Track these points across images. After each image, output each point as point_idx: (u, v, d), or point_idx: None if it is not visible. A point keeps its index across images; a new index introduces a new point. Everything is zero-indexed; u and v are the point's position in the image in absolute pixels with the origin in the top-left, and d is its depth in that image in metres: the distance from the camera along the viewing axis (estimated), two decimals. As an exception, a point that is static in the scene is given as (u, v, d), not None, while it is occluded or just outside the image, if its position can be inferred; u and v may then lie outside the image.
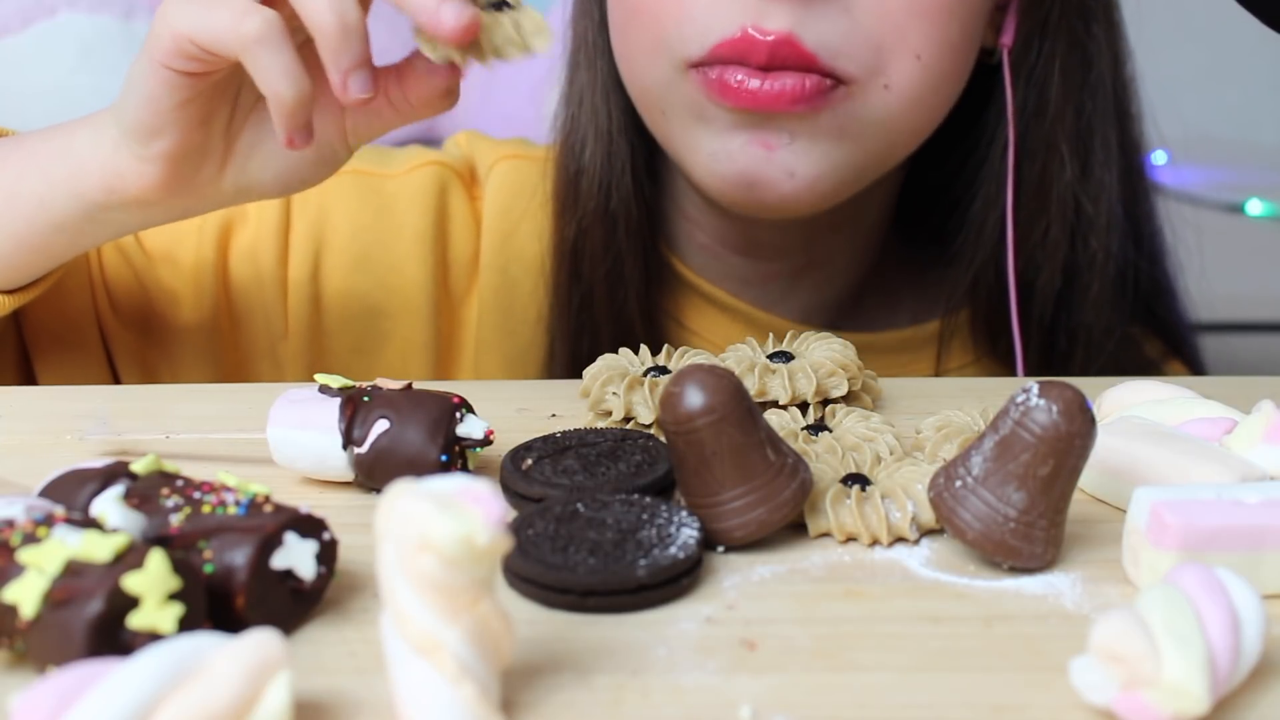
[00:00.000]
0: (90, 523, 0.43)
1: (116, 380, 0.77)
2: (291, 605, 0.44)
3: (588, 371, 0.62)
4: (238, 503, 0.44)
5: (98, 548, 0.40)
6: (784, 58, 0.65)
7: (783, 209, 0.71)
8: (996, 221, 0.77)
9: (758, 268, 0.81)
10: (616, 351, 0.64)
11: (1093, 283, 0.79)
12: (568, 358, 0.81)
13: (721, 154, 0.69)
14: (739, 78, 0.66)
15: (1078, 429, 0.46)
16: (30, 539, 0.41)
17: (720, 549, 0.49)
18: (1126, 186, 0.80)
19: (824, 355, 0.61)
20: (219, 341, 0.79)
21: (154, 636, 0.39)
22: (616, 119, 0.77)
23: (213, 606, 0.42)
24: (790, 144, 0.68)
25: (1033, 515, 0.47)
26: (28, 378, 0.74)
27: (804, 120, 0.68)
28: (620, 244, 0.78)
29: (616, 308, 0.79)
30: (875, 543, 0.50)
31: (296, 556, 0.44)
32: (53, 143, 0.64)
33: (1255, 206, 1.63)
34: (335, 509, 0.50)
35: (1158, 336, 0.85)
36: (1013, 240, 0.76)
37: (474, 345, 0.83)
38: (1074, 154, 0.77)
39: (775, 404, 0.60)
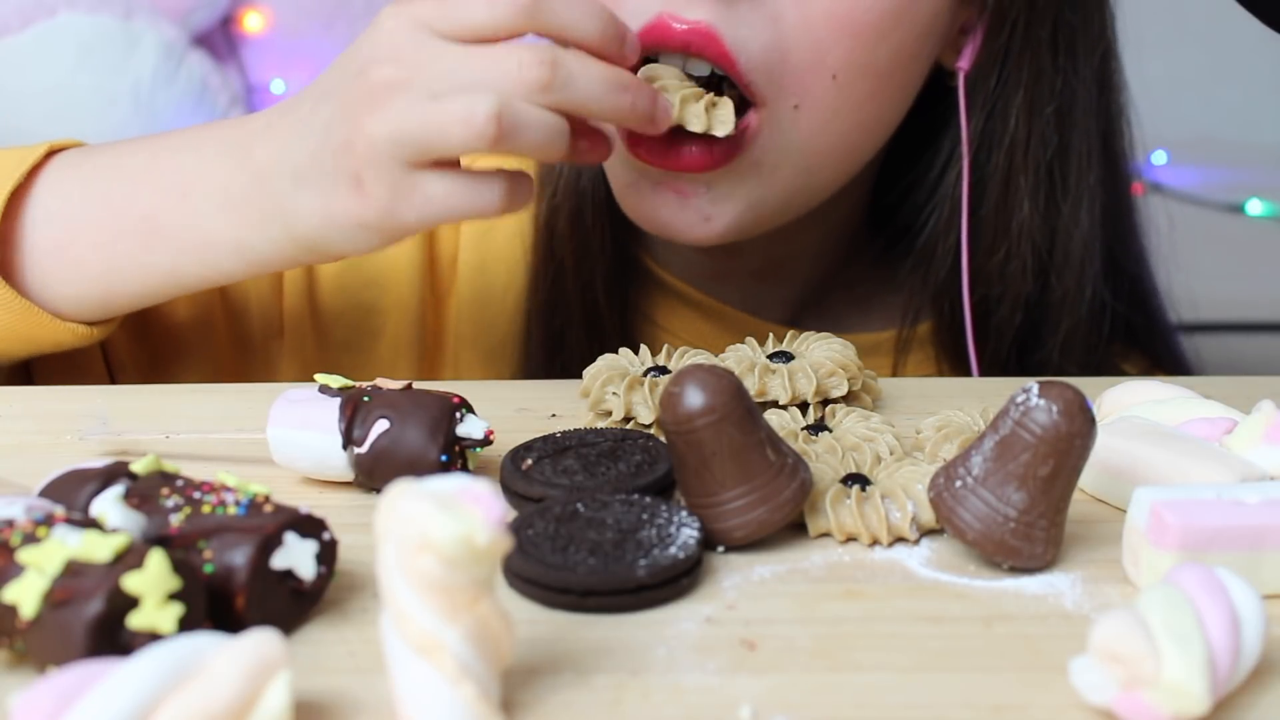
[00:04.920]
0: (90, 523, 0.43)
1: (111, 376, 0.77)
2: (291, 605, 0.44)
3: (588, 371, 0.62)
4: (238, 503, 0.44)
5: (98, 548, 0.40)
6: (701, 48, 0.64)
7: (700, 245, 0.72)
8: (950, 247, 0.77)
9: (718, 264, 0.81)
10: (586, 331, 0.63)
11: (1062, 320, 0.78)
12: (541, 335, 0.81)
13: (634, 190, 0.70)
14: (649, 145, 0.66)
15: (1078, 429, 0.46)
16: (30, 539, 0.41)
17: (720, 549, 0.49)
18: (1107, 225, 0.79)
19: (824, 355, 0.61)
20: (214, 338, 0.79)
21: (154, 636, 0.39)
22: None
23: (213, 606, 0.42)
24: (708, 192, 0.68)
25: (1033, 515, 0.47)
26: (23, 370, 0.74)
27: (721, 171, 0.67)
28: (587, 224, 0.78)
29: (583, 286, 0.80)
30: (875, 543, 0.50)
31: (296, 556, 0.44)
32: (177, 207, 0.63)
33: (1255, 206, 1.63)
34: (335, 509, 0.50)
35: (1140, 353, 0.85)
36: (968, 269, 0.76)
37: (453, 340, 0.84)
38: (1037, 187, 0.75)
39: (775, 404, 0.60)
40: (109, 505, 0.44)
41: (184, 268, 0.64)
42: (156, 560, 0.40)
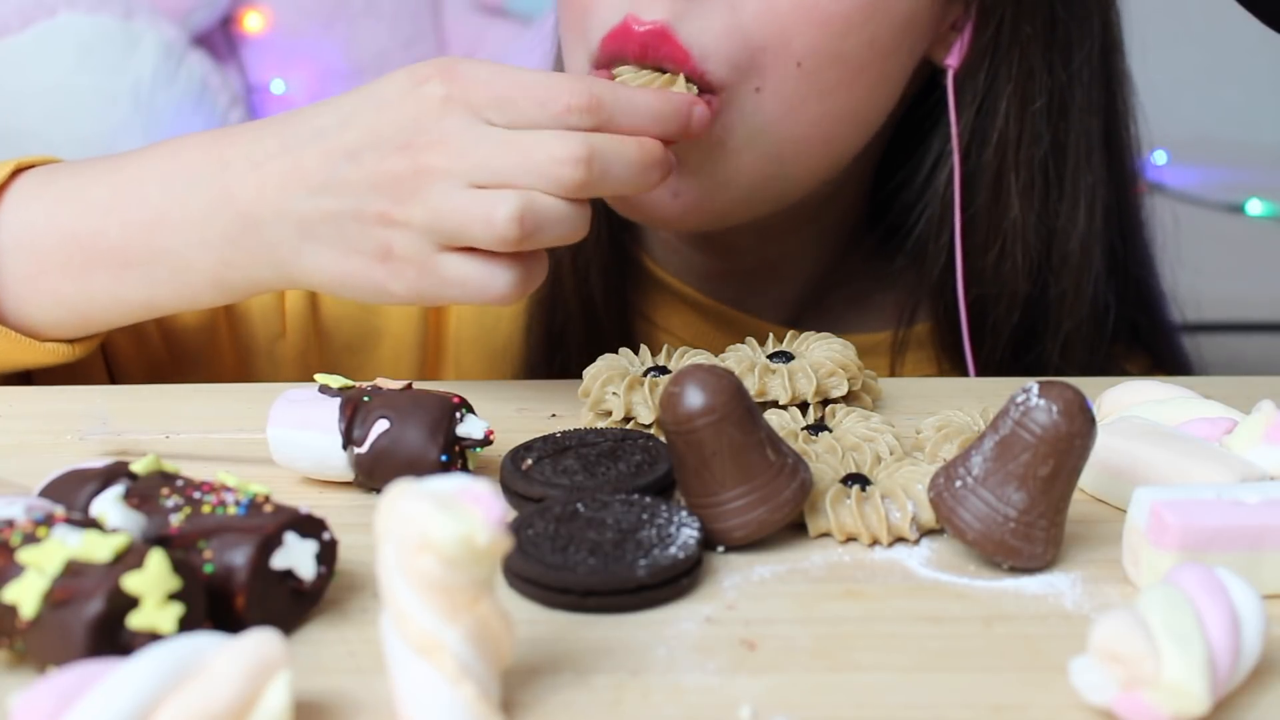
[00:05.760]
0: (90, 523, 0.43)
1: (113, 380, 0.77)
2: (291, 605, 0.44)
3: (588, 371, 0.62)
4: (238, 503, 0.45)
5: (98, 548, 0.40)
6: (656, 49, 0.65)
7: (674, 227, 0.72)
8: (942, 246, 0.76)
9: (715, 264, 0.81)
10: (585, 328, 0.63)
11: (1062, 322, 0.78)
12: (541, 332, 0.81)
13: None
14: None
15: (1078, 429, 0.46)
16: (30, 539, 0.41)
17: (720, 549, 0.49)
18: (1110, 225, 0.78)
19: (824, 355, 0.61)
20: (218, 342, 0.79)
21: (154, 636, 0.39)
22: None
23: (213, 606, 0.42)
24: (675, 168, 0.68)
25: (1033, 515, 0.47)
26: (23, 377, 0.74)
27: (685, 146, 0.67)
28: None
29: (579, 284, 0.80)
30: (875, 543, 0.50)
31: (296, 556, 0.44)
32: (147, 242, 0.63)
33: (1255, 206, 1.63)
34: (335, 509, 0.50)
35: (1143, 350, 0.85)
36: (962, 267, 0.76)
37: (454, 343, 0.84)
38: (1030, 185, 0.75)
39: (775, 404, 0.60)
40: (109, 505, 0.44)
41: (159, 297, 0.64)
42: (156, 560, 0.40)
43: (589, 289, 0.80)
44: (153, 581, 0.39)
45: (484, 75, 0.57)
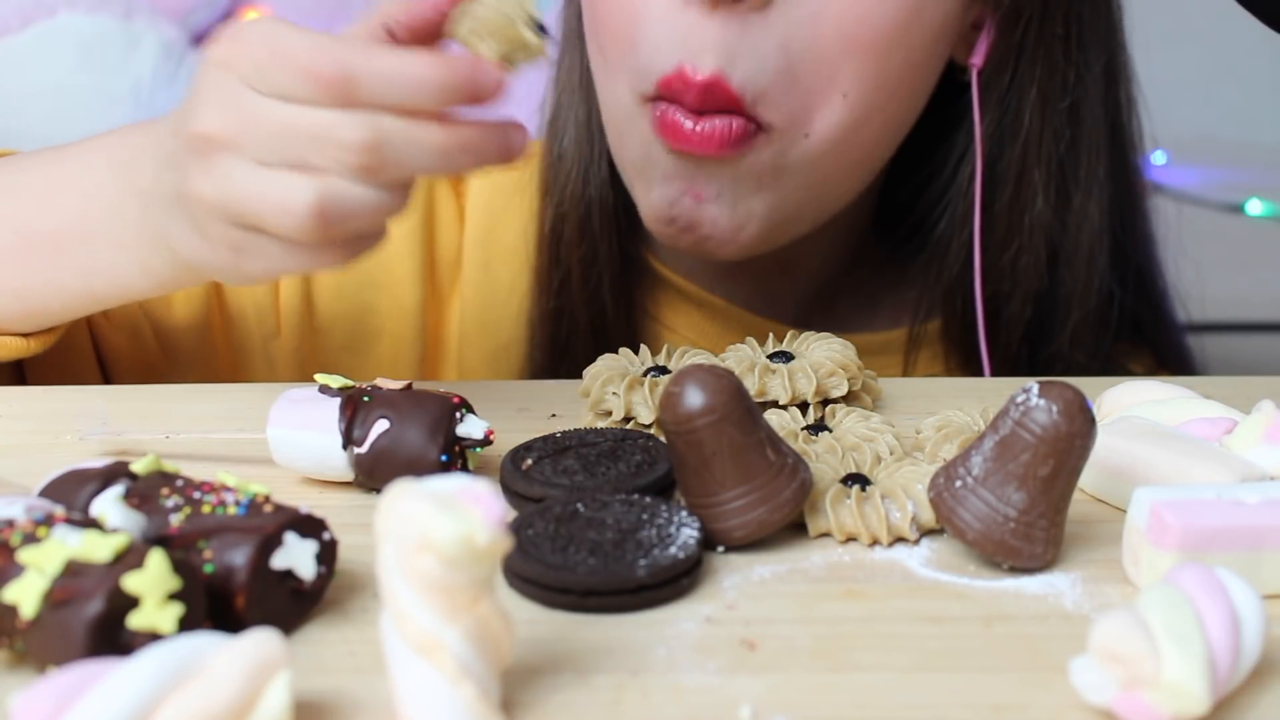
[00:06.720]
0: (90, 523, 0.43)
1: (107, 380, 0.76)
2: (291, 605, 0.44)
3: (588, 371, 0.62)
4: (238, 503, 0.45)
5: (98, 548, 0.40)
6: (715, 98, 0.66)
7: (718, 255, 0.72)
8: (964, 244, 0.77)
9: (727, 265, 0.81)
10: (593, 336, 0.63)
11: (1071, 313, 0.78)
12: (547, 341, 0.81)
13: (662, 202, 0.71)
14: (676, 116, 0.67)
15: (1078, 429, 0.46)
16: (30, 539, 0.41)
17: (720, 549, 0.49)
18: (1114, 217, 0.79)
19: (824, 355, 0.61)
20: (211, 341, 0.79)
21: (154, 636, 0.39)
22: (594, 108, 0.77)
23: (213, 606, 0.42)
24: (717, 197, 0.70)
25: (1033, 515, 0.47)
26: (17, 378, 0.74)
27: (726, 167, 0.68)
28: (595, 229, 0.79)
29: (590, 291, 0.80)
30: (875, 543, 0.50)
31: (296, 556, 0.44)
32: (77, 229, 0.61)
33: (1255, 206, 1.63)
34: (335, 509, 0.50)
35: (1147, 349, 0.85)
36: (980, 265, 0.76)
37: (457, 341, 0.84)
38: (1049, 182, 0.76)
39: (775, 404, 0.60)
40: (109, 505, 0.44)
41: (96, 286, 0.63)
42: (156, 560, 0.40)
43: (600, 302, 0.80)
44: (153, 581, 0.39)
45: (254, 39, 0.52)
